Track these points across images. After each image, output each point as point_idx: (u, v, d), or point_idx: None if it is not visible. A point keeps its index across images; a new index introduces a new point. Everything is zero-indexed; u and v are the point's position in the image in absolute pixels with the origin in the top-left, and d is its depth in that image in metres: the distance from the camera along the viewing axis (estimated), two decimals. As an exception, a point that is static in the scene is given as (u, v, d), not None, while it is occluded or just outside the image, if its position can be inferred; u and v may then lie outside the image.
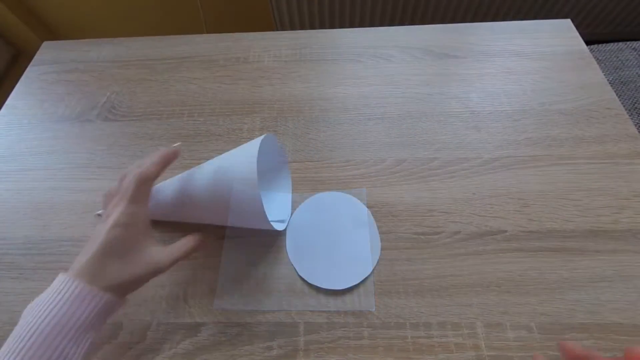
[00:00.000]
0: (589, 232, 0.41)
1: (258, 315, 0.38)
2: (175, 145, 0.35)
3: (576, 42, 0.58)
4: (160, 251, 0.31)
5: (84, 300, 0.26)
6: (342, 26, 1.30)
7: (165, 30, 1.36)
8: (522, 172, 0.45)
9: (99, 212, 0.35)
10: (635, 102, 0.80)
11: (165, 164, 0.33)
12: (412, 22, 1.29)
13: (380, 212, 0.43)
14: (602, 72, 0.54)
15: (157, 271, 0.31)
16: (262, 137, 0.35)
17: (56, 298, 0.26)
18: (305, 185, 0.46)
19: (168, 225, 0.43)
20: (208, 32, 1.33)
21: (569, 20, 0.61)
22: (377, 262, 0.40)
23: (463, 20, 1.29)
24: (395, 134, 0.50)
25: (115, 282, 0.28)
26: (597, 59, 0.87)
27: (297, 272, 0.40)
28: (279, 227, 0.40)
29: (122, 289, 0.29)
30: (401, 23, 1.29)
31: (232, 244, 0.42)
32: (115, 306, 0.29)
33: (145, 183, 0.31)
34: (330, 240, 0.42)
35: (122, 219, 0.29)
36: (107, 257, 0.28)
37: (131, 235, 0.29)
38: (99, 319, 0.27)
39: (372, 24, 1.30)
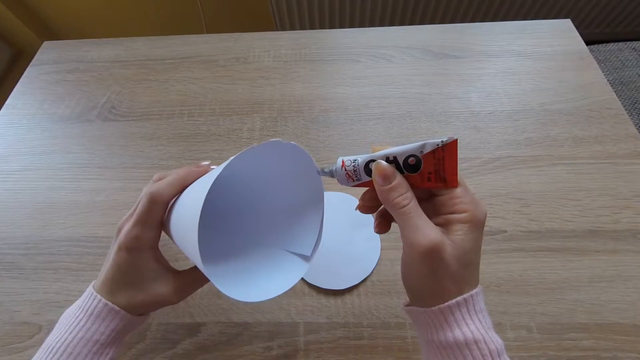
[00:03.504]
0: (589, 232, 0.41)
1: (258, 315, 0.38)
2: (203, 163, 0.31)
3: (576, 42, 0.58)
4: (168, 282, 0.29)
5: (105, 318, 0.27)
6: (342, 26, 1.30)
7: (165, 30, 1.36)
8: (522, 172, 0.45)
9: None
10: (635, 102, 0.80)
11: (183, 185, 0.29)
12: (412, 22, 1.29)
13: (380, 212, 0.43)
14: (602, 72, 0.54)
15: (163, 304, 0.29)
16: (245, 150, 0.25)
17: (81, 314, 0.27)
18: (305, 185, 0.46)
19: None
20: (208, 32, 1.33)
21: (569, 20, 0.61)
22: (377, 262, 0.40)
23: (463, 20, 1.29)
24: (395, 134, 0.50)
25: (128, 304, 0.28)
26: (597, 59, 0.87)
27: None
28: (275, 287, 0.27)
29: (137, 310, 0.29)
30: (401, 23, 1.29)
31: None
32: (133, 324, 0.29)
33: (155, 204, 0.28)
34: (331, 240, 0.42)
35: (125, 241, 0.27)
36: (117, 282, 0.28)
37: (135, 262, 0.28)
38: (117, 336, 0.28)
39: (372, 24, 1.30)
